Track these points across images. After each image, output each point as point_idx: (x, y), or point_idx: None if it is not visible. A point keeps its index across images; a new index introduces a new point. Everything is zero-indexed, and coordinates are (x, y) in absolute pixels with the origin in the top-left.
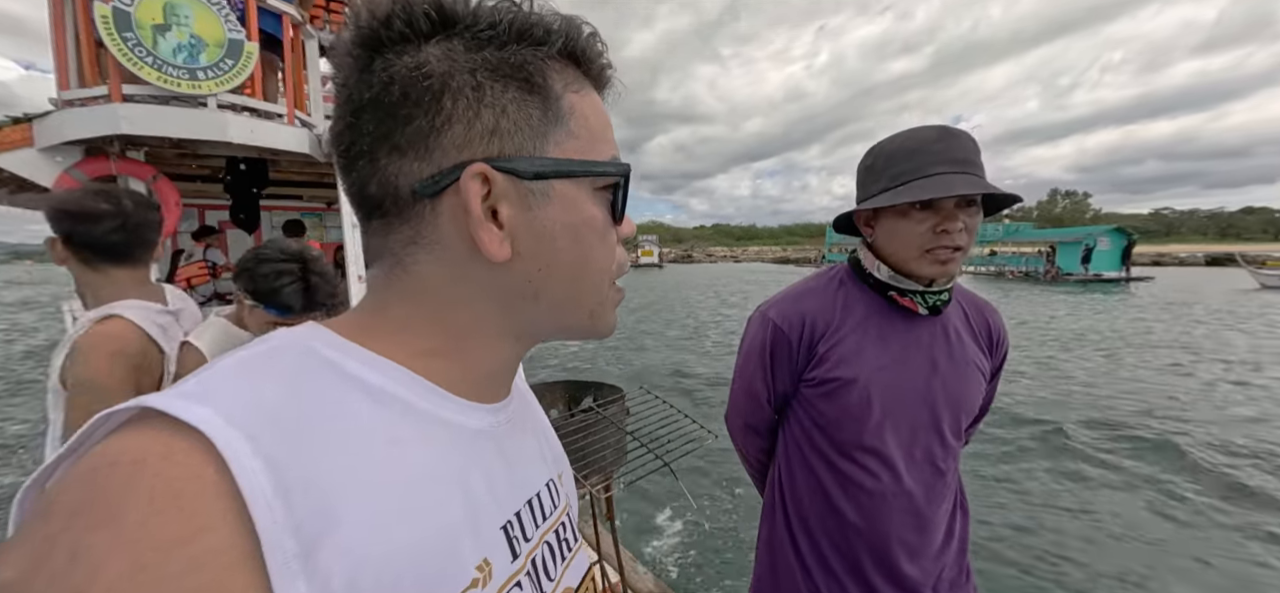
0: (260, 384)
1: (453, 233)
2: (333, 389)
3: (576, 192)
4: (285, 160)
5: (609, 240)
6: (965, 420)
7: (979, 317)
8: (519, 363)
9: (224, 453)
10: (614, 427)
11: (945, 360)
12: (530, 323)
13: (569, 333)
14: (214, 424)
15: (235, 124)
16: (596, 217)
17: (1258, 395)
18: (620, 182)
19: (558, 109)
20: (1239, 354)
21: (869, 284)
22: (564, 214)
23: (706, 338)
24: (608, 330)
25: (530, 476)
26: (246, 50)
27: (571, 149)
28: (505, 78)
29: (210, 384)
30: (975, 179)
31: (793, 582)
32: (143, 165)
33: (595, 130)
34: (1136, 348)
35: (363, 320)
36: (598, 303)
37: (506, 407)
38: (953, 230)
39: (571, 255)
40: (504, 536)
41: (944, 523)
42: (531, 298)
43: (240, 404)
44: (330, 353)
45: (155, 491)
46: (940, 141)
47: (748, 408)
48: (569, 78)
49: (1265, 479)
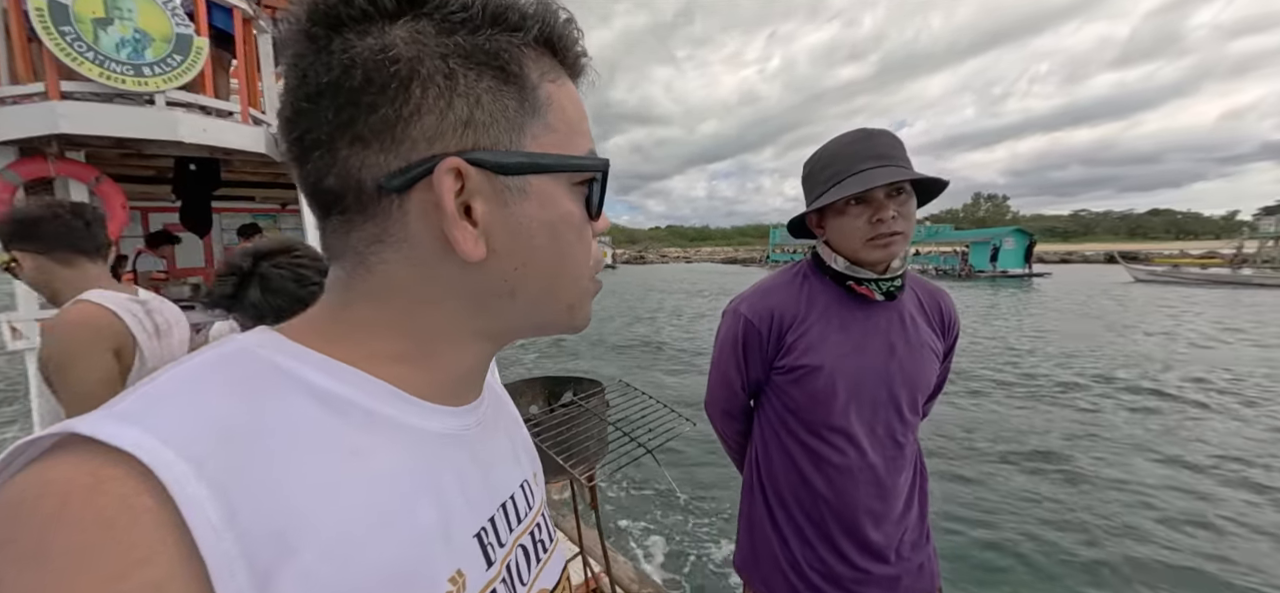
0: (204, 399)
1: (422, 230)
2: (287, 400)
3: (554, 187)
4: (239, 160)
5: (586, 237)
6: (921, 398)
7: (932, 302)
8: (490, 362)
9: (162, 479)
10: (596, 418)
11: (902, 344)
12: (505, 322)
13: (545, 330)
14: (149, 448)
15: (186, 122)
16: (573, 212)
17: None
18: (598, 177)
19: (535, 100)
20: (1073, 332)
21: (829, 276)
22: (541, 210)
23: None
24: (584, 324)
25: (504, 478)
26: (196, 45)
27: (549, 143)
28: (479, 65)
29: (147, 401)
30: (894, 169)
31: (770, 552)
32: (84, 166)
33: (573, 122)
34: (1000, 325)
35: (321, 324)
36: (576, 298)
37: (478, 408)
38: (886, 218)
39: (549, 253)
40: (478, 543)
41: (905, 491)
42: (507, 296)
43: (180, 423)
44: (284, 360)
45: (85, 522)
46: (862, 142)
47: (724, 396)
48: (546, 66)
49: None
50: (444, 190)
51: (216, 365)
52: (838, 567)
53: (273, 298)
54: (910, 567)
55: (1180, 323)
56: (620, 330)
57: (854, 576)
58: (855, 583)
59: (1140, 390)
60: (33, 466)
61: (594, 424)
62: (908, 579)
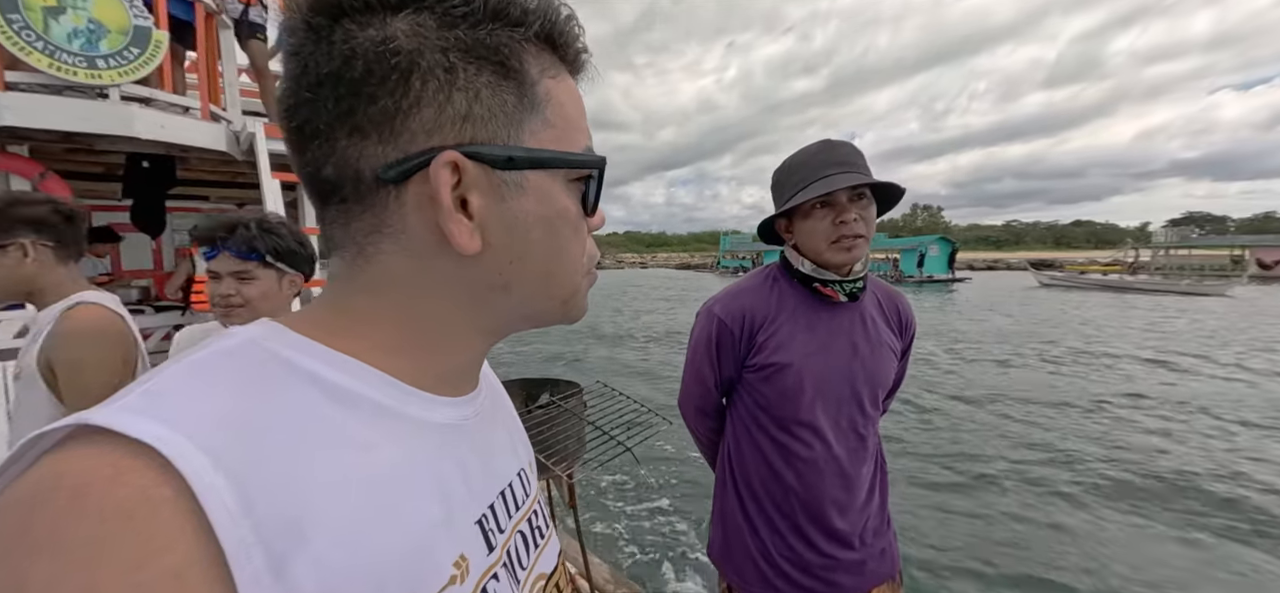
0: (215, 391)
1: (418, 222)
2: (295, 393)
3: (551, 183)
4: (196, 158)
5: (582, 232)
6: (881, 394)
7: (890, 304)
8: (484, 354)
9: (182, 470)
10: (575, 418)
11: (863, 343)
12: (501, 315)
13: (540, 322)
14: (168, 439)
15: (142, 118)
16: (570, 209)
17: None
18: (594, 174)
19: (533, 96)
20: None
21: (797, 279)
22: (538, 206)
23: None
24: (579, 316)
25: (502, 466)
26: (154, 38)
27: (547, 138)
28: (480, 60)
29: (158, 395)
30: (855, 175)
31: (742, 542)
32: (27, 161)
33: (571, 118)
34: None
35: (323, 317)
36: (570, 292)
37: (476, 399)
38: (848, 220)
39: (545, 248)
40: (479, 529)
41: (867, 482)
42: (502, 290)
43: (194, 415)
44: (290, 353)
45: (105, 513)
46: (825, 151)
47: (697, 393)
48: (545, 62)
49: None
50: (440, 183)
51: (224, 359)
52: (806, 554)
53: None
54: (873, 552)
55: (1067, 314)
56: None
57: (822, 562)
58: (822, 569)
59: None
60: (46, 457)
61: (572, 424)
62: (871, 563)
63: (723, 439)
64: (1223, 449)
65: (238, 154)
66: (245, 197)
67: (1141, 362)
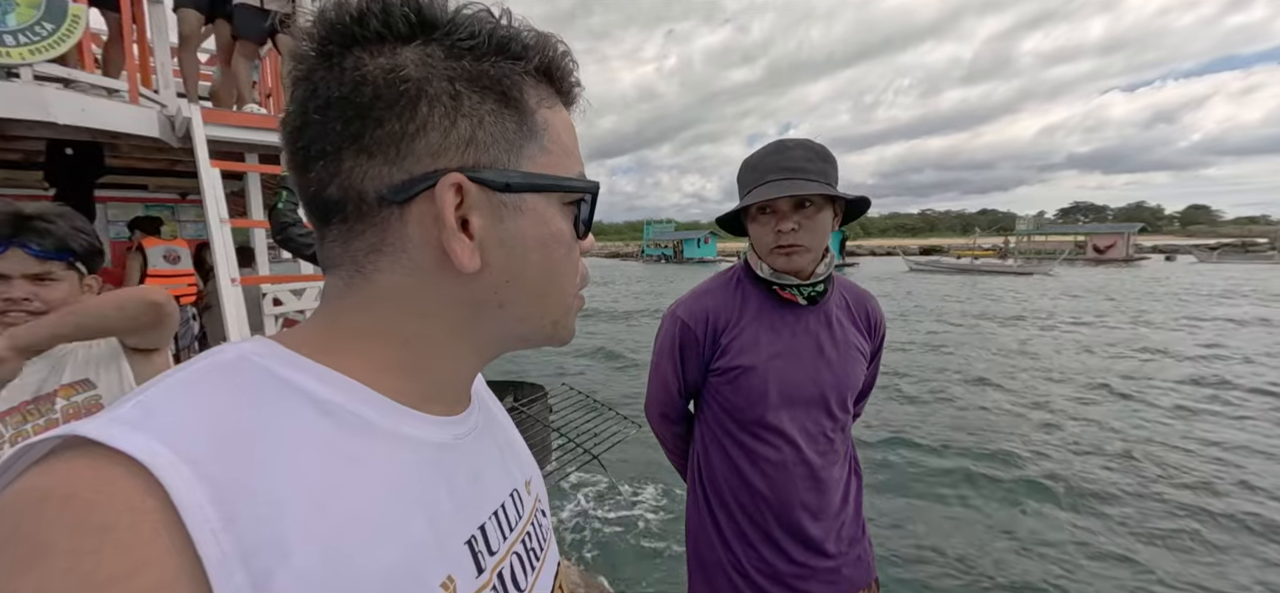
0: (205, 406)
1: (420, 241)
2: (286, 408)
3: (547, 206)
4: (127, 145)
5: (574, 254)
6: (850, 397)
7: (859, 306)
8: (476, 372)
9: (164, 482)
10: (539, 424)
11: (829, 346)
12: (494, 334)
13: (530, 342)
14: (153, 452)
15: (60, 101)
16: (564, 231)
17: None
18: (587, 197)
19: (532, 124)
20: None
21: (759, 281)
22: (534, 227)
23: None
24: (567, 338)
25: (495, 486)
26: (71, 12)
27: (544, 164)
28: (484, 90)
29: (149, 407)
30: (793, 182)
31: (713, 554)
32: None
33: (566, 146)
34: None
35: (318, 334)
36: (561, 313)
37: (469, 417)
38: (785, 230)
39: (540, 268)
40: (468, 550)
41: (840, 487)
42: (496, 308)
43: (182, 429)
44: (283, 369)
45: (88, 525)
46: (774, 154)
47: (662, 398)
48: (543, 94)
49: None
50: (445, 204)
51: (216, 372)
52: (779, 564)
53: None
54: (848, 559)
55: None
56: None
57: (795, 571)
58: (796, 579)
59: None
60: (34, 468)
61: (536, 431)
62: (847, 569)
63: (691, 449)
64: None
65: (173, 141)
66: (186, 185)
67: (936, 320)
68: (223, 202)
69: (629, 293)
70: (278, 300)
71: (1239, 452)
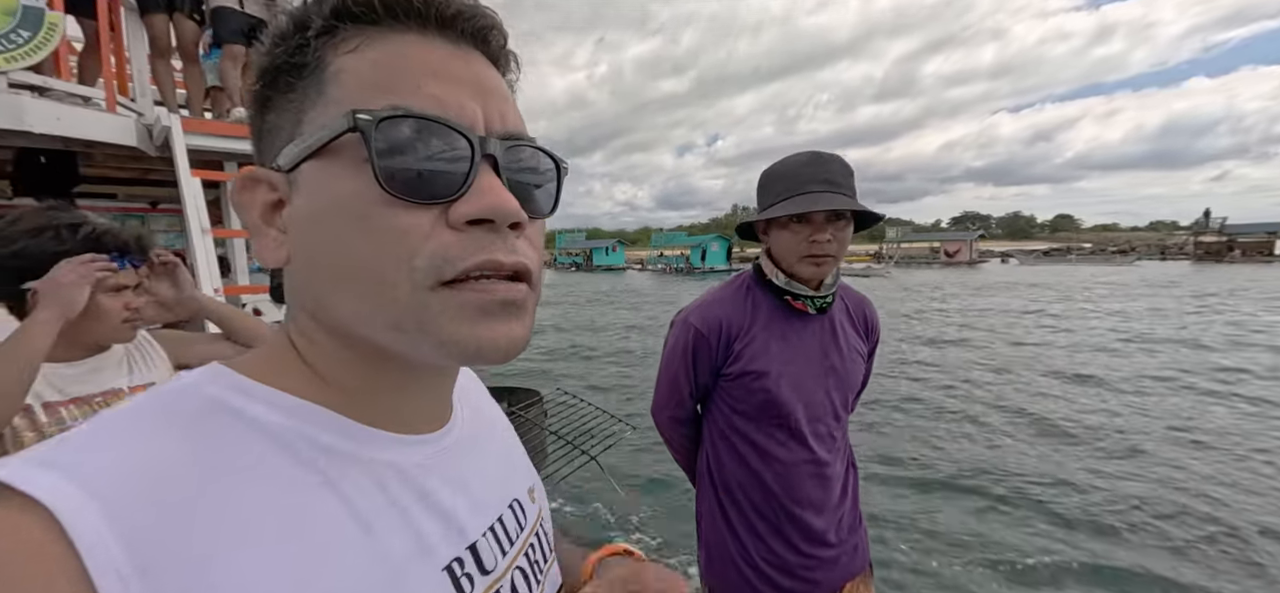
0: (136, 441)
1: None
2: (229, 439)
3: (323, 170)
4: (102, 154)
5: (378, 224)
6: (851, 397)
7: (858, 310)
8: (434, 383)
9: (68, 528)
10: (535, 428)
11: (834, 352)
12: (352, 336)
13: (399, 347)
14: (60, 492)
15: (35, 109)
16: (342, 194)
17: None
18: (366, 137)
19: (320, 82)
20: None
21: (769, 289)
22: (309, 200)
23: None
24: (465, 352)
25: (487, 500)
26: (48, 21)
27: (326, 119)
28: (277, 75)
29: (74, 445)
30: (837, 196)
31: (724, 548)
32: None
33: (369, 82)
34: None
35: (271, 355)
36: (399, 313)
37: (449, 432)
38: (820, 240)
39: (327, 251)
40: (448, 577)
41: (840, 481)
42: (319, 304)
43: (104, 468)
44: (230, 397)
45: None
46: (810, 165)
47: (671, 401)
48: (347, 36)
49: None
50: (242, 204)
51: (156, 405)
52: (787, 555)
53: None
54: (847, 548)
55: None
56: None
57: (802, 562)
58: (802, 569)
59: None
60: None
61: (533, 434)
62: (845, 559)
63: (701, 449)
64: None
65: (151, 149)
66: (157, 194)
67: None
68: (204, 210)
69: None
70: (257, 310)
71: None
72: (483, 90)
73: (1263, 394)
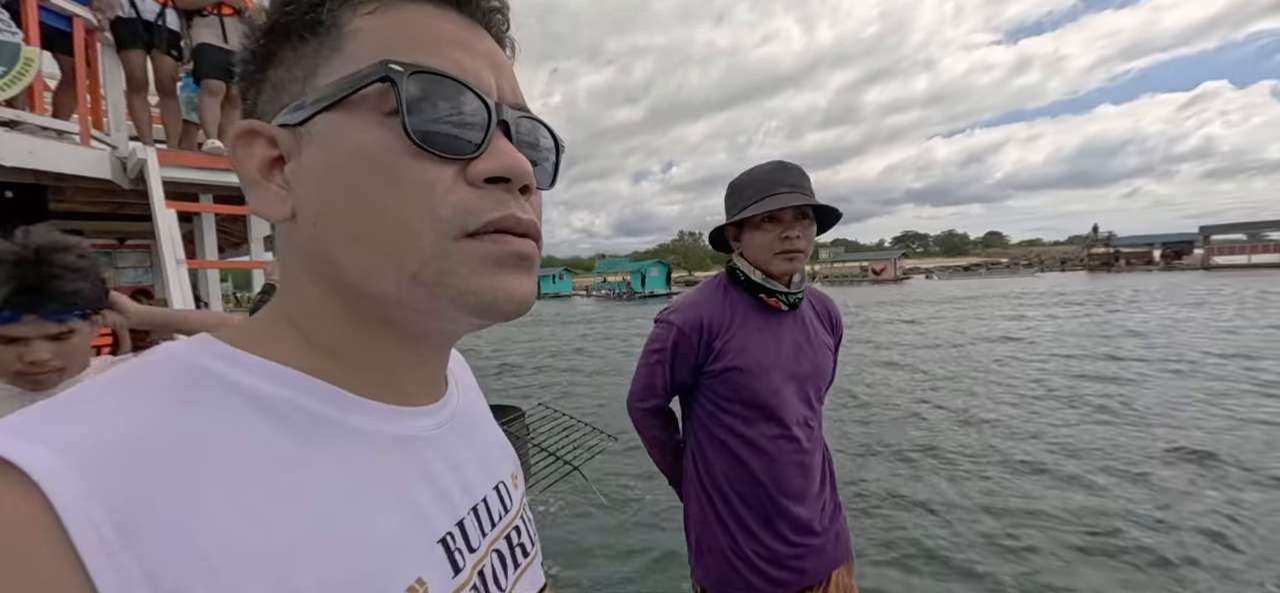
0: (119, 407)
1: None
2: (217, 407)
3: (341, 121)
4: (73, 188)
5: (405, 175)
6: (824, 388)
7: (822, 308)
8: (432, 353)
9: (50, 495)
10: (516, 441)
11: (806, 345)
12: (360, 296)
13: (423, 311)
14: (41, 460)
15: (7, 143)
16: (366, 145)
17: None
18: (397, 87)
19: (336, 39)
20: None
21: (744, 288)
22: (325, 152)
23: None
24: (483, 302)
25: (476, 479)
26: (23, 56)
27: (340, 73)
28: (287, 32)
29: (53, 412)
30: (801, 195)
31: (714, 544)
32: None
33: (389, 41)
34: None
35: (261, 324)
36: (421, 262)
37: (443, 408)
38: (792, 237)
39: (346, 202)
40: (443, 548)
41: (819, 469)
42: (329, 262)
43: (83, 434)
44: (218, 365)
45: None
46: (777, 171)
47: (644, 393)
48: (366, 3)
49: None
50: (239, 158)
51: (140, 373)
52: (777, 547)
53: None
54: (830, 536)
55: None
56: None
57: (791, 552)
58: (792, 558)
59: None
60: None
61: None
62: (830, 547)
63: (687, 450)
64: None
65: (124, 182)
66: (126, 229)
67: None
68: (180, 243)
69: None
70: None
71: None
72: (495, 63)
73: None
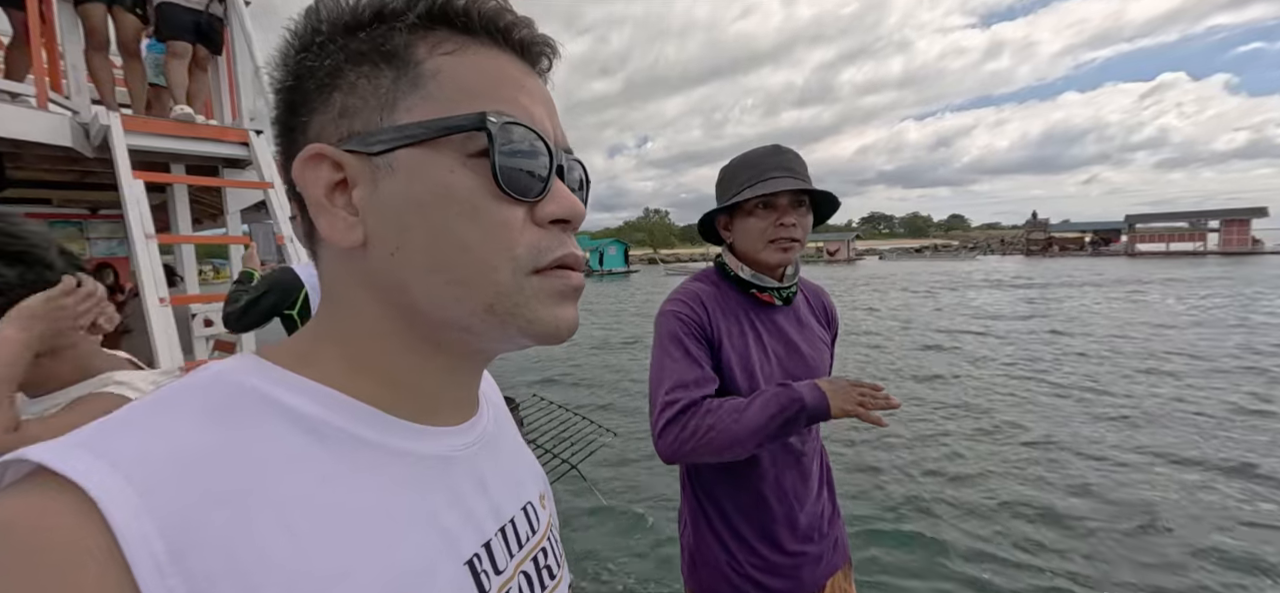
0: (169, 426)
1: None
2: (263, 428)
3: (427, 159)
4: (32, 155)
5: (488, 216)
6: None
7: (817, 300)
8: (470, 375)
9: (106, 513)
10: None
11: (802, 341)
12: (423, 323)
13: (476, 334)
14: (96, 475)
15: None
16: (455, 185)
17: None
18: (490, 138)
19: (416, 74)
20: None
21: (734, 283)
22: (409, 186)
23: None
24: (546, 330)
25: (504, 500)
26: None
27: (423, 112)
28: (359, 58)
29: (108, 429)
30: (796, 179)
31: (708, 553)
32: None
33: (469, 87)
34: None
35: (303, 345)
36: (496, 295)
37: (474, 427)
38: (788, 224)
39: (426, 236)
40: (469, 570)
41: (817, 471)
42: (401, 289)
43: (137, 452)
44: (263, 385)
45: (21, 556)
46: (772, 154)
47: (691, 379)
48: (440, 40)
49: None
50: (305, 178)
51: (188, 393)
52: (774, 557)
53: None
54: (828, 543)
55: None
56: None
57: (789, 561)
58: (789, 568)
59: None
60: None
61: None
62: (827, 555)
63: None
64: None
65: (88, 150)
66: (98, 199)
67: (631, 315)
68: (148, 216)
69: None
70: (208, 320)
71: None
72: (549, 107)
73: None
